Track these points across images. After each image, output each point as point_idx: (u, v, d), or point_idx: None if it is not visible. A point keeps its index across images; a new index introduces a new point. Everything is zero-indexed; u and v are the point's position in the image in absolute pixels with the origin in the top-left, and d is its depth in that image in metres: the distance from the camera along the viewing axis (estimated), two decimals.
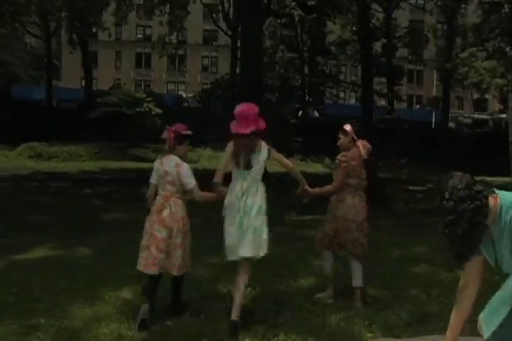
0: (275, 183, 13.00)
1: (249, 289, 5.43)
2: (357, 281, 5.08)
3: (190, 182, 4.68)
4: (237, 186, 4.60)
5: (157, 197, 4.75)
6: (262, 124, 4.69)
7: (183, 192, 4.73)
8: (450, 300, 4.96)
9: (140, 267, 4.66)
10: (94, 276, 5.84)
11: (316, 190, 5.18)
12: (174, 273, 4.65)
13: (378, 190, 4.45)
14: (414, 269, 6.25)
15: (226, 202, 4.61)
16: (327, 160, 32.64)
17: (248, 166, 4.58)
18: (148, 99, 30.14)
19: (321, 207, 11.90)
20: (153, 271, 4.57)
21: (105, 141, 28.94)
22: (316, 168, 26.89)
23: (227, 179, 4.64)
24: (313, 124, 37.08)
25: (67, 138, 29.45)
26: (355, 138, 5.19)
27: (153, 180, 4.84)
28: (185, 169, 4.71)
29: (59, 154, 28.24)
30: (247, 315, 4.65)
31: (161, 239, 4.57)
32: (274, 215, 10.91)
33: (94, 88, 39.66)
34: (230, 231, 4.56)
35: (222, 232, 4.63)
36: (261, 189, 4.67)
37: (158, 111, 29.75)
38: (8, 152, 28.20)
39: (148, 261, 4.58)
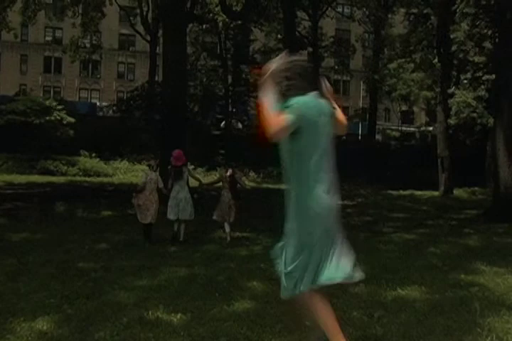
0: (197, 198, 13.29)
1: (179, 314, 5.30)
2: (228, 229, 10.39)
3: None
4: (176, 188, 10.21)
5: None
6: (184, 160, 10.35)
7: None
8: (394, 322, 5.04)
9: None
10: (4, 306, 5.49)
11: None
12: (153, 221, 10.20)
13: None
14: (353, 290, 6.27)
15: (172, 196, 10.21)
16: (252, 174, 32.85)
17: (179, 178, 10.27)
18: (59, 107, 29.29)
19: (249, 226, 11.95)
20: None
21: (10, 152, 27.81)
22: None
23: None
24: (236, 136, 37.25)
25: None
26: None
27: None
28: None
29: None
30: None
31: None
32: (201, 232, 10.80)
33: None
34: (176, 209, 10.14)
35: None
36: (187, 188, 10.51)
37: (71, 120, 28.95)
38: None
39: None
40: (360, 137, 48.47)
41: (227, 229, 10.36)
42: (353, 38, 47.29)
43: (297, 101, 3.61)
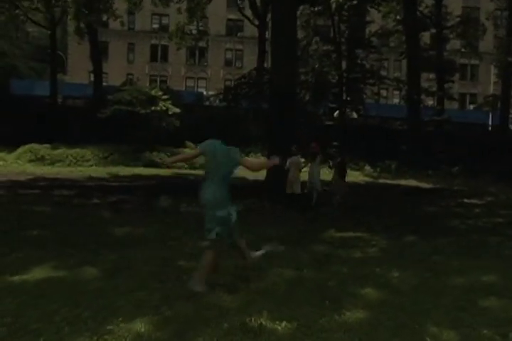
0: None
1: (284, 322, 5.17)
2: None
3: None
4: (311, 167, 15.46)
5: None
6: (317, 149, 15.66)
7: None
8: None
9: None
10: (103, 303, 5.60)
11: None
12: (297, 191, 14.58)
13: None
14: (483, 303, 5.88)
15: (309, 172, 15.50)
16: (367, 168, 32.25)
17: (313, 161, 15.52)
18: (165, 96, 30.09)
19: (364, 225, 11.62)
20: None
21: (116, 144, 28.96)
22: (354, 176, 26.45)
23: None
24: (351, 126, 36.74)
25: (73, 140, 29.58)
26: None
27: None
28: None
29: (63, 158, 28.37)
30: None
31: None
32: (310, 231, 10.59)
33: (104, 83, 39.87)
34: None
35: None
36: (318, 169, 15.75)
37: (176, 110, 29.66)
38: (5, 154, 28.38)
39: None
40: (490, 128, 46.34)
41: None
42: (482, 16, 45.19)
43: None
